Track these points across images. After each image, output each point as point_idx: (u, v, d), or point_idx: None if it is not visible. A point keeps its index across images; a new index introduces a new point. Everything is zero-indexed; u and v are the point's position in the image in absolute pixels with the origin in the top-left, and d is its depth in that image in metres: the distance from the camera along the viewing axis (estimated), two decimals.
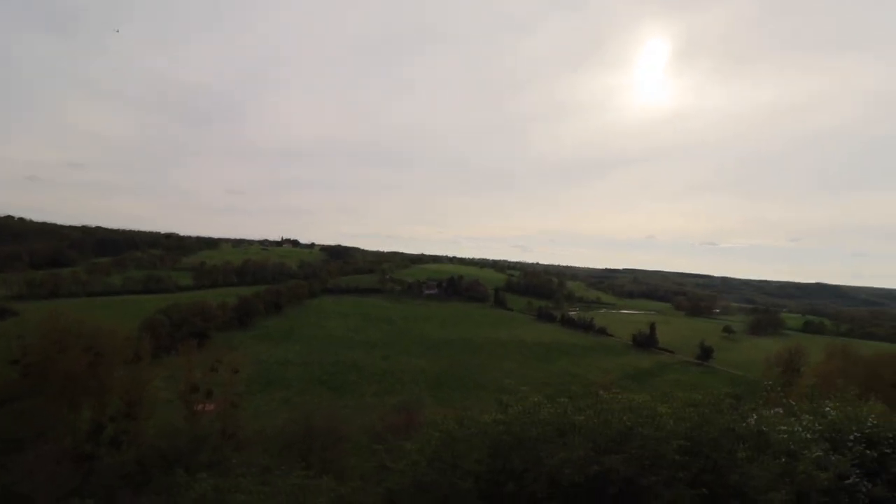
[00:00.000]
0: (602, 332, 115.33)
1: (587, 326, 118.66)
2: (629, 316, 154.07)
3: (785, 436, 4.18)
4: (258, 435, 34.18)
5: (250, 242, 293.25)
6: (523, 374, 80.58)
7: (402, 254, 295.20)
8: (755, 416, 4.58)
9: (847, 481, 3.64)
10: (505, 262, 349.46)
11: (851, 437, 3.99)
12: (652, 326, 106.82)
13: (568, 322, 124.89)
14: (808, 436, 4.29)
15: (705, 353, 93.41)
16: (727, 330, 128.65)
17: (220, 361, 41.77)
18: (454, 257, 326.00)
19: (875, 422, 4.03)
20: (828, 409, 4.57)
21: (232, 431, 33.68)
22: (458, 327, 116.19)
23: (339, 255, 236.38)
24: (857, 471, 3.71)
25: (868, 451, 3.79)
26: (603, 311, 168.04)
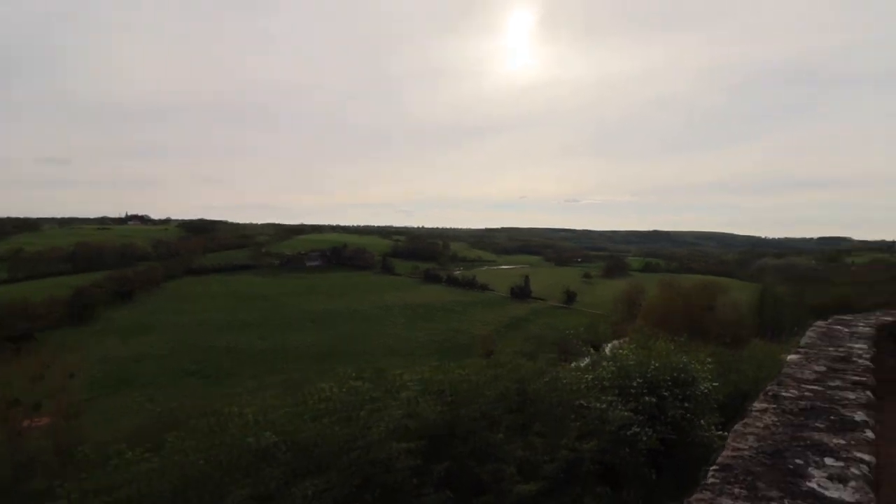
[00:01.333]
0: (484, 287, 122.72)
1: (470, 284, 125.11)
2: (507, 270, 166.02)
3: (574, 387, 4.32)
4: (104, 446, 29.51)
5: (84, 222, 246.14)
6: (410, 335, 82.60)
7: (279, 225, 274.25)
8: (554, 373, 4.68)
9: (629, 432, 3.86)
10: (391, 227, 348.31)
11: (634, 384, 4.26)
12: (525, 279, 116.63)
13: (452, 281, 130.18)
14: (607, 384, 4.51)
15: (570, 298, 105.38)
16: (586, 276, 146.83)
17: (48, 366, 35.29)
18: (338, 226, 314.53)
19: (656, 365, 4.36)
20: (623, 351, 4.87)
21: (69, 446, 28.68)
22: (345, 297, 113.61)
23: (203, 231, 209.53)
24: (640, 418, 3.97)
25: (647, 398, 4.06)
26: (484, 268, 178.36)
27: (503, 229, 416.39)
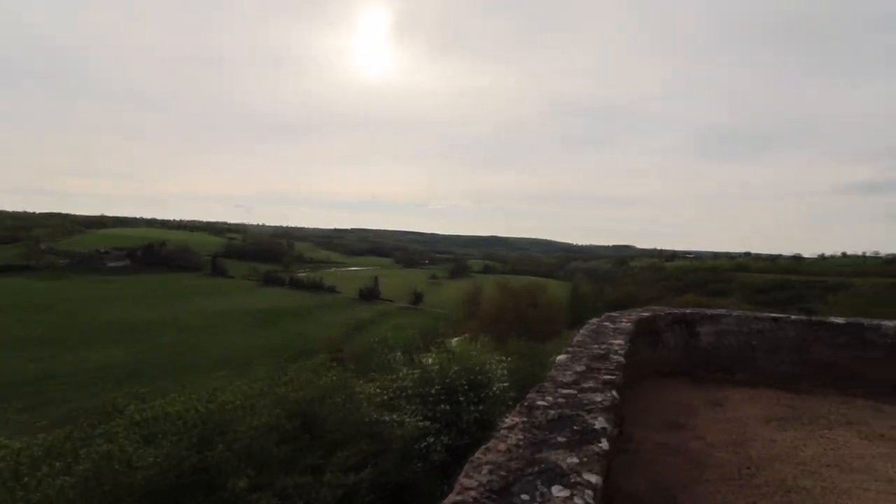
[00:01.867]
0: (331, 290, 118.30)
1: (316, 286, 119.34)
2: (357, 272, 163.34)
3: (376, 400, 4.01)
4: None
5: None
6: (248, 343, 74.74)
7: (66, 215, 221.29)
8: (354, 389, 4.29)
9: (423, 444, 3.69)
10: (224, 224, 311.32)
11: (433, 392, 4.15)
12: (375, 280, 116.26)
13: (296, 284, 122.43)
14: (411, 392, 4.28)
15: (417, 299, 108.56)
16: (433, 277, 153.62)
17: None
18: (154, 220, 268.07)
19: (455, 368, 4.32)
20: (428, 359, 4.72)
21: None
22: (162, 304, 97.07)
23: None
24: (437, 426, 3.83)
25: (443, 406, 3.95)
26: (332, 269, 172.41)
27: (353, 230, 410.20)
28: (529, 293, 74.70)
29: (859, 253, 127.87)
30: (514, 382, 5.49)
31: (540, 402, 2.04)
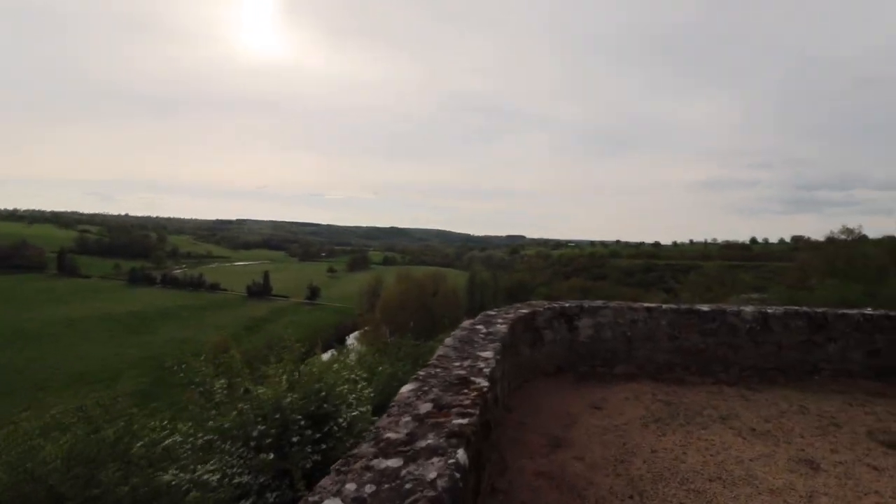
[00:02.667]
0: (215, 287, 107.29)
1: (197, 284, 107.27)
2: (245, 267, 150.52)
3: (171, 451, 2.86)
4: None
5: None
6: (112, 354, 64.43)
7: None
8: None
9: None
10: (76, 214, 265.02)
11: (256, 433, 3.05)
12: (265, 275, 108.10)
13: (171, 282, 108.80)
14: (235, 431, 3.18)
15: (313, 293, 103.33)
16: (331, 270, 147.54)
17: None
18: None
19: (294, 396, 3.32)
20: (258, 388, 3.58)
21: None
22: None
23: None
24: (263, 479, 2.80)
25: (264, 455, 2.92)
26: (215, 265, 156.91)
27: (239, 221, 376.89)
28: (431, 282, 75.64)
29: (702, 240, 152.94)
30: (389, 392, 4.66)
31: (349, 487, 1.20)
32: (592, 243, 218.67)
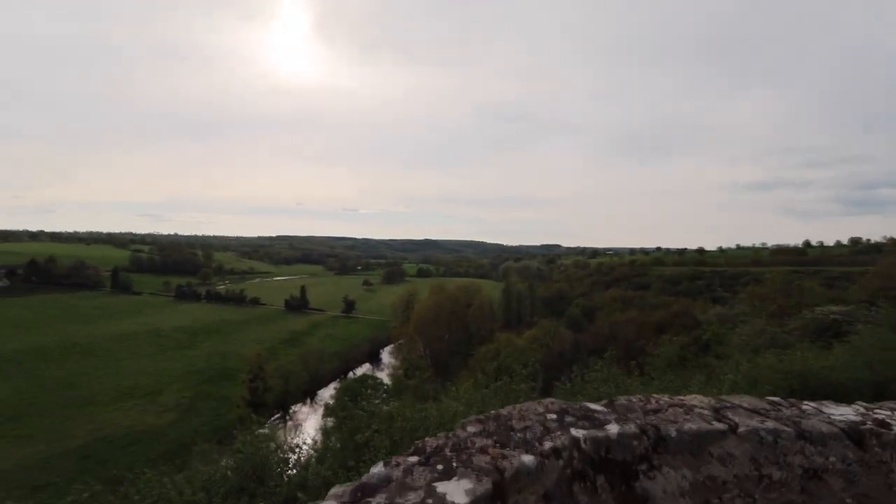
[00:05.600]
0: (255, 302, 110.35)
1: (238, 299, 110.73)
2: (284, 282, 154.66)
3: None
4: None
5: None
6: (159, 368, 66.84)
7: None
8: None
9: None
10: (129, 235, 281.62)
11: None
12: (302, 289, 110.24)
13: (215, 297, 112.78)
14: None
15: (349, 307, 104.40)
16: (366, 283, 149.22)
17: None
18: (41, 232, 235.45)
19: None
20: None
21: None
22: (52, 328, 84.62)
23: None
24: None
25: None
26: (257, 280, 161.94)
27: (280, 237, 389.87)
28: (465, 293, 74.53)
29: (749, 244, 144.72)
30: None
31: None
32: (632, 251, 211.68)
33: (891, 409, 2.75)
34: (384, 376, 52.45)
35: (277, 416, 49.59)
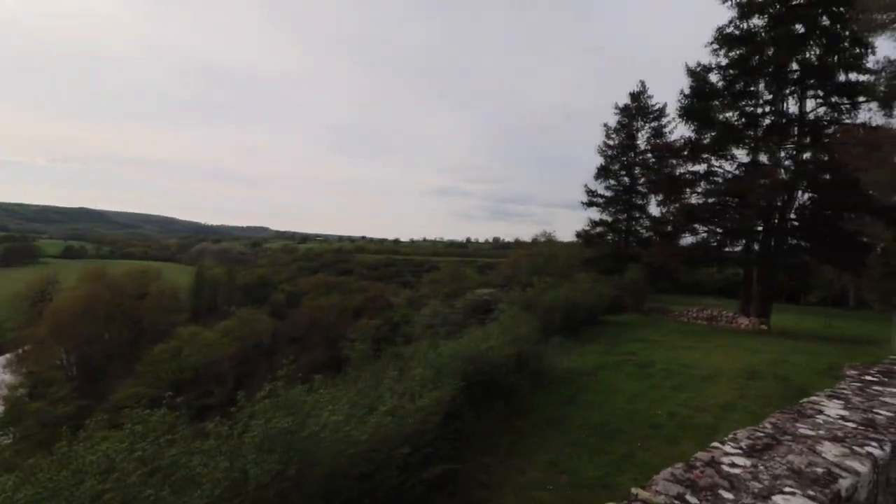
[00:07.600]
0: None
1: None
2: None
3: None
4: None
5: None
6: None
7: None
8: None
9: None
10: None
11: None
12: None
13: None
14: None
15: None
16: None
17: None
18: None
19: None
20: None
21: None
22: None
23: None
24: None
25: None
26: None
27: None
28: (136, 281, 60.95)
29: (432, 238, 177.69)
30: None
31: None
32: (340, 238, 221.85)
33: None
34: None
35: None
